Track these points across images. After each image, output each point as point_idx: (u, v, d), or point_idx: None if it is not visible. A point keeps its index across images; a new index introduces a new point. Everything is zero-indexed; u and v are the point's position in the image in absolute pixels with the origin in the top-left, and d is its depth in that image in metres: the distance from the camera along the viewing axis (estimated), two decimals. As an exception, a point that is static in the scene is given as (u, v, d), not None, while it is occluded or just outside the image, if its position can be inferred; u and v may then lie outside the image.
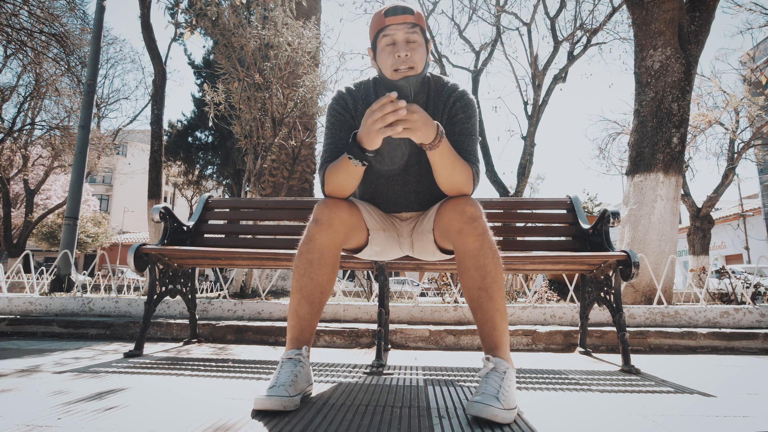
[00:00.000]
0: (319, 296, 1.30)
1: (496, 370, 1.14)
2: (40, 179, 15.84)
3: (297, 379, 1.16)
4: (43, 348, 2.18)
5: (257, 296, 4.35)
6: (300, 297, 1.29)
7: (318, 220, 1.31)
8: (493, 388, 1.08)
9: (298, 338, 1.28)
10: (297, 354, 1.24)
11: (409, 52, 1.33)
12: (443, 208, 1.34)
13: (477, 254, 1.25)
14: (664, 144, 3.70)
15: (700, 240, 10.47)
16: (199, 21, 4.88)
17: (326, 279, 1.31)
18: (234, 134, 5.36)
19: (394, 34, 1.34)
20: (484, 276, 1.24)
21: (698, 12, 3.89)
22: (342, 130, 1.46)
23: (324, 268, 1.30)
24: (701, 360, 2.09)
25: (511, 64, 11.47)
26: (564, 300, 4.01)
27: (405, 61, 1.34)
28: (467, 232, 1.26)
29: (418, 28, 1.36)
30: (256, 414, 1.08)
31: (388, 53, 1.35)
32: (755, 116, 10.80)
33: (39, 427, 0.94)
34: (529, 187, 23.42)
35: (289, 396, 1.10)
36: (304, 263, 1.29)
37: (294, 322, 1.29)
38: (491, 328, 1.22)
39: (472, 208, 1.28)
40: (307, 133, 6.15)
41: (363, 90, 1.50)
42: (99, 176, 33.78)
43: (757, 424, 1.05)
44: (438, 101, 1.46)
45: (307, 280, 1.28)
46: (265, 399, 1.08)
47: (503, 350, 1.20)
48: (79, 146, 5.77)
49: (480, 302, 1.23)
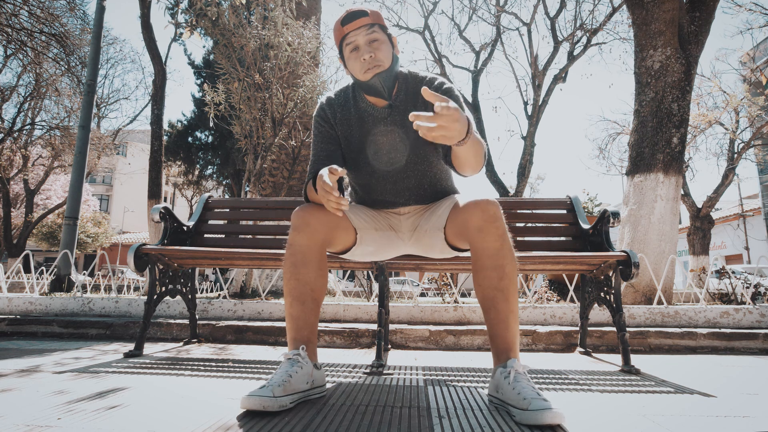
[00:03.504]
0: (310, 294, 1.31)
1: (518, 371, 1.14)
2: (40, 179, 15.84)
3: (290, 380, 1.15)
4: (43, 348, 2.18)
5: (257, 296, 4.35)
6: (291, 299, 1.30)
7: (295, 225, 1.34)
8: (534, 390, 1.08)
9: (295, 338, 1.28)
10: (295, 354, 1.24)
11: (373, 52, 1.38)
12: (465, 206, 1.34)
13: (496, 254, 1.25)
14: (664, 144, 3.70)
15: (700, 240, 10.47)
16: (199, 21, 4.88)
17: (313, 277, 1.32)
18: (234, 134, 5.36)
19: (355, 39, 1.39)
20: (501, 277, 1.24)
21: (698, 12, 3.89)
22: (323, 143, 1.53)
23: (308, 267, 1.31)
24: (701, 360, 2.09)
25: (511, 64, 11.49)
26: (564, 300, 4.01)
27: (371, 62, 1.38)
28: (488, 230, 1.26)
29: (376, 26, 1.40)
30: (246, 414, 1.08)
31: (354, 59, 1.40)
32: (755, 116, 10.80)
33: (39, 427, 0.94)
34: (529, 187, 23.44)
35: (272, 396, 1.08)
36: (288, 267, 1.32)
37: (290, 324, 1.30)
38: (504, 329, 1.22)
39: (494, 208, 1.28)
40: (307, 133, 6.15)
41: (342, 97, 1.55)
42: (99, 176, 33.79)
43: (757, 425, 1.05)
44: (417, 95, 1.48)
45: (294, 282, 1.30)
46: (247, 398, 1.07)
47: (516, 350, 1.22)
48: (79, 146, 5.77)
49: (495, 302, 1.23)
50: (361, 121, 1.51)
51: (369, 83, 1.40)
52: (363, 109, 1.51)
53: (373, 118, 1.50)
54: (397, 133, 1.49)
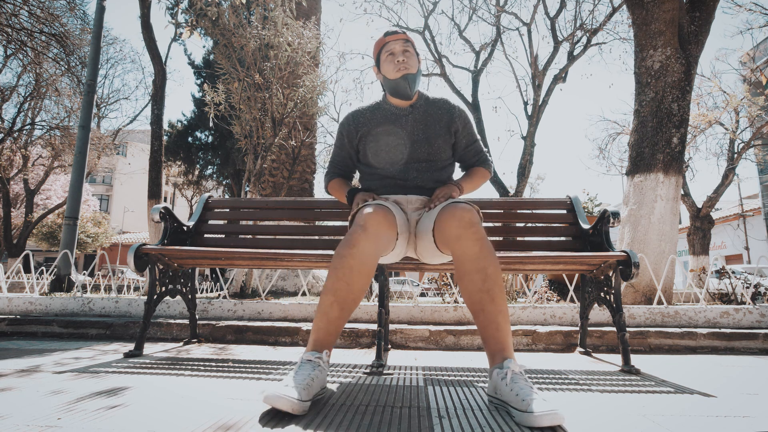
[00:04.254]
0: (351, 304, 1.29)
1: (515, 372, 1.14)
2: (40, 179, 15.83)
3: (312, 384, 1.13)
4: (43, 348, 2.18)
5: (257, 296, 4.35)
6: (333, 300, 1.27)
7: (366, 228, 1.32)
8: (532, 390, 1.07)
9: (322, 341, 1.25)
10: (317, 357, 1.21)
11: (405, 57, 1.71)
12: (442, 215, 1.40)
13: (477, 257, 1.28)
14: (664, 144, 3.70)
15: (700, 240, 10.47)
16: (199, 21, 4.87)
17: (361, 288, 1.30)
18: (234, 134, 5.36)
19: (393, 47, 1.72)
20: (485, 279, 1.25)
21: (698, 12, 3.89)
22: (342, 150, 1.87)
23: (362, 278, 1.30)
24: (701, 360, 2.09)
25: (511, 64, 11.46)
26: (564, 300, 4.01)
27: (403, 64, 1.70)
28: (466, 237, 1.30)
29: (410, 44, 1.75)
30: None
31: (390, 61, 1.72)
32: (755, 116, 10.80)
33: (39, 427, 0.95)
34: (529, 187, 23.41)
35: (300, 400, 1.05)
36: (344, 267, 1.28)
37: (322, 324, 1.26)
38: (495, 330, 1.22)
39: (469, 214, 1.33)
40: (307, 133, 6.15)
41: (372, 105, 1.84)
42: (99, 176, 33.79)
43: (757, 425, 1.05)
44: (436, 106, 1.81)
45: (344, 285, 1.27)
46: (276, 397, 1.03)
47: (510, 350, 1.21)
48: (79, 146, 5.77)
49: (482, 304, 1.24)
50: (386, 118, 1.78)
51: (397, 80, 1.69)
52: (387, 109, 1.80)
53: (395, 115, 1.77)
54: (417, 129, 1.75)
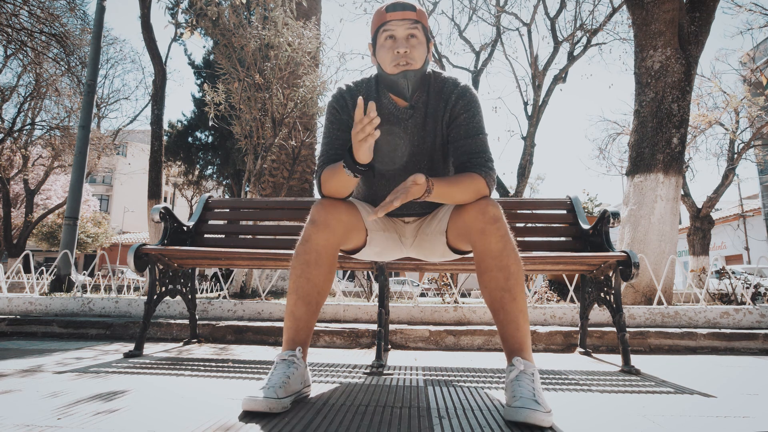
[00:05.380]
0: (316, 297, 1.29)
1: (525, 372, 1.12)
2: (40, 179, 15.84)
3: (289, 381, 1.15)
4: (43, 348, 2.18)
5: (257, 296, 4.35)
6: (296, 298, 1.27)
7: (315, 220, 1.30)
8: (529, 391, 1.06)
9: (293, 339, 1.26)
10: (291, 355, 1.22)
11: (408, 48, 1.33)
12: (465, 209, 1.32)
13: (500, 255, 1.23)
14: (664, 144, 3.70)
15: (700, 240, 10.46)
16: (199, 21, 4.88)
17: (323, 279, 1.29)
18: (234, 134, 5.36)
19: (394, 29, 1.34)
20: (507, 277, 1.22)
21: (698, 12, 3.89)
22: (339, 130, 1.45)
23: (321, 269, 1.29)
24: (701, 360, 2.09)
25: (511, 65, 11.51)
26: (564, 300, 4.01)
27: (403, 57, 1.33)
28: (490, 232, 1.24)
29: (419, 25, 1.35)
30: (247, 414, 1.07)
31: (387, 48, 1.35)
32: (755, 117, 10.79)
33: (40, 428, 0.95)
34: (529, 188, 23.44)
35: (276, 398, 1.08)
36: (300, 264, 1.28)
37: (290, 323, 1.27)
38: (515, 329, 1.20)
39: (494, 209, 1.27)
40: (307, 133, 6.15)
41: (364, 88, 1.48)
42: (99, 176, 33.77)
43: (757, 425, 1.05)
44: (438, 100, 1.45)
45: (304, 281, 1.27)
46: (251, 400, 1.07)
47: (527, 351, 1.19)
48: (79, 146, 5.77)
49: (503, 303, 1.21)
50: (381, 116, 1.44)
51: (394, 78, 1.35)
52: (385, 105, 1.46)
53: (395, 117, 1.46)
54: (416, 136, 1.47)
